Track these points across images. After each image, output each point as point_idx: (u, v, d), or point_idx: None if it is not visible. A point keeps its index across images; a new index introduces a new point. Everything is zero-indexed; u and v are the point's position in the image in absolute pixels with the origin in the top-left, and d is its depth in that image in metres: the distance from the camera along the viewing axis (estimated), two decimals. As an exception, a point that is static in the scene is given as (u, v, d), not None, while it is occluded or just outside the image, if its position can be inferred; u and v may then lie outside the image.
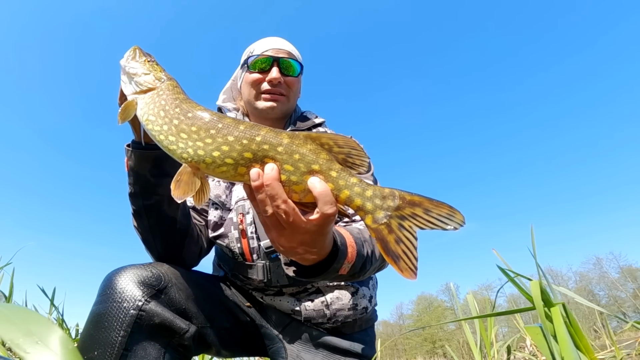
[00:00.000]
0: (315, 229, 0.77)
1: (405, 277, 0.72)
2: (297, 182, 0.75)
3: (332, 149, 0.77)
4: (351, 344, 1.27)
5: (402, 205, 0.73)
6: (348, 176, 0.76)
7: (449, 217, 0.71)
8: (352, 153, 0.77)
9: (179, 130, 0.80)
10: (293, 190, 0.75)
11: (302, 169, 0.75)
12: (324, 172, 0.75)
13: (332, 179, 0.75)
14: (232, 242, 1.27)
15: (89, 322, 0.97)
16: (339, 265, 0.92)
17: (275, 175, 0.73)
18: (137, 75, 0.90)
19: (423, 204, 0.73)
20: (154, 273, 1.05)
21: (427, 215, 0.72)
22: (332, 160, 0.76)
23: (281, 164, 0.75)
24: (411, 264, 0.72)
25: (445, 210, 0.72)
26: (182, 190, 0.77)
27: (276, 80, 1.37)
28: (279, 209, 0.74)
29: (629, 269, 40.86)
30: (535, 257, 1.32)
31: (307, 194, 0.75)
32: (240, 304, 1.33)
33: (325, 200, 0.73)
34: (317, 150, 0.76)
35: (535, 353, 2.66)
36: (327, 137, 0.77)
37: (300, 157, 0.75)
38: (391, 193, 0.74)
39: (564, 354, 0.89)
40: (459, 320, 1.51)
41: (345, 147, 0.77)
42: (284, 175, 0.74)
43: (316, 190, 0.73)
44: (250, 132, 0.76)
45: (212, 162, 0.76)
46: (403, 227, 0.73)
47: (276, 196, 0.73)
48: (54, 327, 0.40)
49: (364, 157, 0.78)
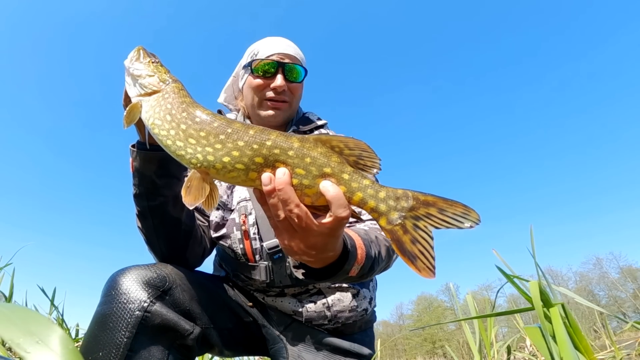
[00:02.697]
0: (328, 232, 0.77)
1: (424, 277, 0.71)
2: (309, 186, 0.74)
3: (342, 152, 0.76)
4: (351, 345, 1.28)
5: (416, 206, 0.73)
6: (360, 178, 0.75)
7: (464, 215, 0.71)
8: (363, 155, 0.77)
9: (187, 135, 0.79)
10: (305, 194, 0.75)
11: (314, 173, 0.74)
12: (336, 175, 0.74)
13: (345, 181, 0.74)
14: (235, 242, 1.27)
15: (94, 323, 0.97)
16: (349, 267, 0.92)
17: (287, 180, 0.72)
18: (141, 77, 0.89)
19: (437, 203, 0.72)
20: (158, 274, 1.05)
21: (441, 214, 0.72)
22: (344, 163, 0.76)
23: (293, 168, 0.74)
24: (429, 263, 0.71)
25: (460, 209, 0.71)
26: (193, 196, 0.77)
27: (281, 88, 1.36)
28: (291, 213, 0.74)
29: (629, 269, 40.83)
30: (535, 257, 1.32)
31: (319, 198, 0.75)
32: (243, 304, 1.34)
33: (338, 203, 0.73)
34: (328, 153, 0.75)
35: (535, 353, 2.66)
36: (337, 140, 0.77)
37: (311, 161, 0.74)
38: (404, 194, 0.74)
39: (563, 355, 0.89)
40: (459, 321, 1.51)
41: (356, 149, 0.76)
42: (295, 179, 0.74)
43: (329, 194, 0.72)
44: (261, 136, 0.75)
45: (223, 167, 0.75)
46: (418, 227, 0.72)
47: (289, 200, 0.72)
48: (55, 326, 0.40)
49: (375, 158, 0.77)
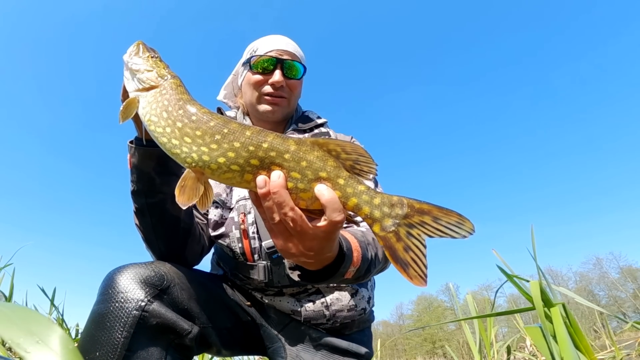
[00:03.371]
0: (323, 236, 0.77)
1: (415, 284, 0.71)
2: (305, 190, 0.74)
3: (339, 156, 0.76)
4: (349, 344, 1.27)
5: (411, 213, 0.72)
6: (356, 184, 0.74)
7: (458, 225, 0.71)
8: (360, 160, 0.76)
9: (183, 133, 0.78)
10: (300, 198, 0.74)
11: (309, 176, 0.74)
12: (331, 180, 0.74)
13: (340, 186, 0.74)
14: (233, 242, 1.27)
15: (90, 322, 0.96)
16: (345, 270, 0.92)
17: (282, 183, 0.72)
18: (139, 71, 0.88)
19: (432, 212, 0.72)
20: (156, 272, 1.04)
21: (435, 223, 0.71)
22: (340, 168, 0.75)
23: (288, 171, 0.74)
24: (420, 271, 0.71)
25: (454, 219, 0.71)
26: (187, 196, 0.76)
27: (279, 83, 1.36)
28: (286, 216, 0.73)
29: (629, 269, 40.81)
30: (535, 257, 1.33)
31: (314, 201, 0.74)
32: (241, 303, 1.33)
33: (333, 207, 0.72)
34: (324, 157, 0.75)
35: (535, 353, 2.66)
36: (334, 144, 0.76)
37: (307, 165, 0.74)
38: (399, 201, 0.73)
39: (564, 354, 0.89)
40: (459, 320, 1.51)
41: (353, 153, 0.76)
42: (291, 182, 0.73)
43: (324, 198, 0.72)
44: (257, 138, 0.75)
45: (218, 168, 0.75)
46: (411, 235, 0.72)
47: (283, 203, 0.72)
48: (55, 326, 0.40)
49: (372, 164, 0.77)
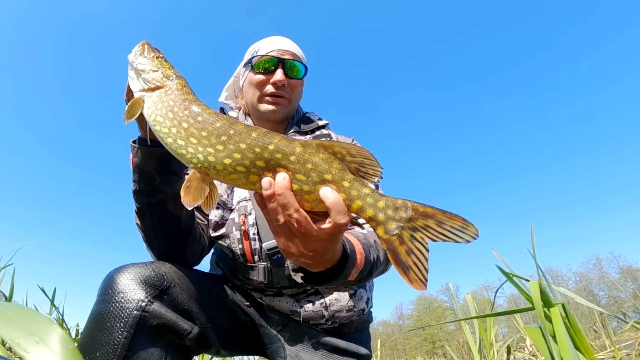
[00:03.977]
0: (327, 237, 0.77)
1: (415, 288, 0.71)
2: (309, 192, 0.74)
3: (344, 158, 0.76)
4: (348, 344, 1.28)
5: (415, 217, 0.72)
6: (360, 186, 0.75)
7: (462, 229, 0.70)
8: (365, 162, 0.76)
9: (189, 134, 0.78)
10: (305, 200, 0.75)
11: (314, 179, 0.74)
12: (336, 182, 0.74)
13: (345, 189, 0.74)
14: (234, 242, 1.27)
15: (90, 322, 0.95)
16: (347, 272, 0.92)
17: (287, 185, 0.72)
18: (144, 71, 0.88)
19: (436, 215, 0.72)
20: (156, 272, 1.04)
21: (439, 227, 0.71)
22: (345, 170, 0.75)
23: (293, 173, 0.74)
24: (421, 275, 0.71)
25: (458, 223, 0.71)
26: (192, 196, 0.76)
27: (280, 82, 1.36)
28: (291, 218, 0.73)
29: (629, 269, 40.80)
30: (535, 257, 1.33)
31: (319, 204, 0.74)
32: (240, 303, 1.33)
33: (337, 209, 0.72)
34: (329, 159, 0.75)
35: (535, 353, 2.66)
36: (339, 146, 0.76)
37: (312, 167, 0.74)
38: (404, 204, 0.73)
39: (563, 355, 0.89)
40: (459, 320, 1.51)
41: (358, 156, 0.76)
42: (296, 184, 0.74)
43: (328, 201, 0.72)
44: (263, 139, 0.75)
45: (224, 169, 0.75)
46: (415, 238, 0.72)
47: (288, 205, 0.72)
48: (55, 326, 0.40)
49: (377, 166, 0.77)
